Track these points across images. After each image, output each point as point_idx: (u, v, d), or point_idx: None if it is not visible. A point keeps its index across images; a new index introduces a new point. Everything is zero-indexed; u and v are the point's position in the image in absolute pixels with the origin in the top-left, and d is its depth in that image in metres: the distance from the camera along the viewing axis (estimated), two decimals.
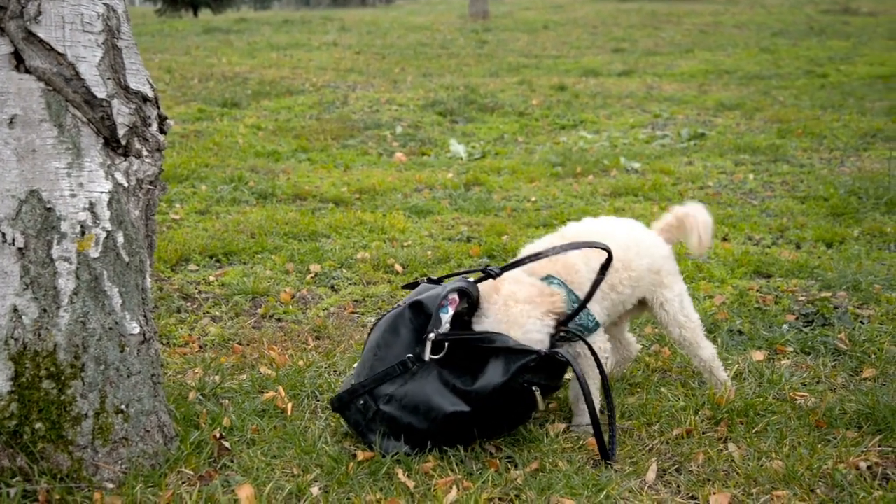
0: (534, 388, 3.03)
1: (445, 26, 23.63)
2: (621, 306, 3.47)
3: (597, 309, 3.30)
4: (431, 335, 3.03)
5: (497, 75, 14.41)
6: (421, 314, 3.11)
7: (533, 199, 7.01)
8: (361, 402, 3.08)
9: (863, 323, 4.37)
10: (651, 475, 2.97)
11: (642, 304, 3.60)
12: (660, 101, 11.81)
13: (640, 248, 3.44)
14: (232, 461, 2.98)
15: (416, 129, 10.02)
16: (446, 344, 3.04)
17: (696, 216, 3.61)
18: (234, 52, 17.11)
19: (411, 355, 3.05)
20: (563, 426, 3.32)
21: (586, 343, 3.18)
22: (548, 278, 3.23)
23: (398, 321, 3.13)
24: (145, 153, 2.91)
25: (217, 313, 4.55)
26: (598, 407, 3.19)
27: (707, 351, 3.59)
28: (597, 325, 3.28)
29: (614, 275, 3.33)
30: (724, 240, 5.93)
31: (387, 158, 8.58)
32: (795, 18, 24.15)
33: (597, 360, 3.19)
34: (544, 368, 3.05)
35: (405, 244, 5.72)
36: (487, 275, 3.18)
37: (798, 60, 15.49)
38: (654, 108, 11.21)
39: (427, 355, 3.03)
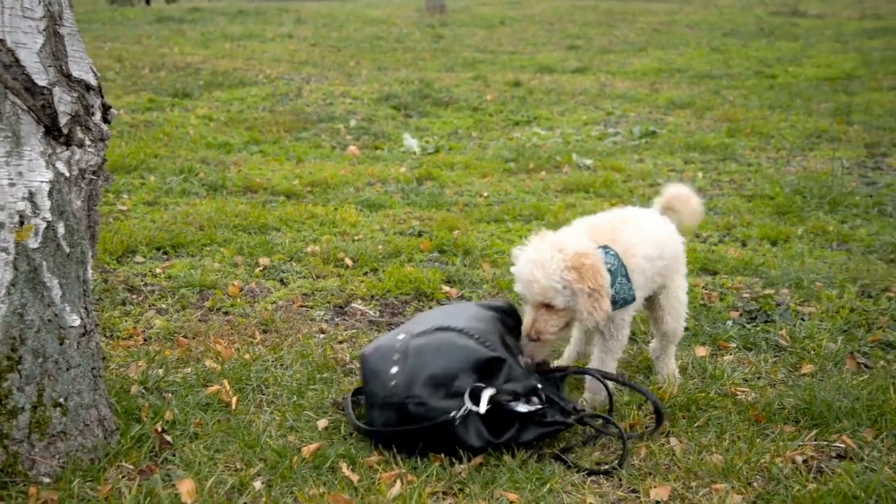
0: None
1: (402, 20, 23.57)
2: (651, 292, 3.64)
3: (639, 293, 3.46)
4: (491, 391, 3.01)
5: (452, 70, 14.41)
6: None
7: (485, 194, 7.03)
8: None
9: (803, 320, 4.46)
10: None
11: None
12: (612, 98, 11.91)
13: (669, 238, 3.61)
14: (174, 455, 2.95)
15: (370, 122, 9.99)
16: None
17: (684, 194, 3.80)
18: (187, 42, 16.90)
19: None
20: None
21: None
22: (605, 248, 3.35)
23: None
24: (88, 143, 2.87)
25: (163, 306, 4.50)
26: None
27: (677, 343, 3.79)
28: (633, 299, 3.40)
29: (654, 263, 3.47)
30: None
31: (340, 152, 8.54)
32: (746, 19, 24.50)
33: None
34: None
35: (356, 238, 5.71)
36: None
37: (748, 61, 15.72)
38: (606, 106, 11.30)
39: (483, 407, 2.99)
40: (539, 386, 3.13)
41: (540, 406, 3.03)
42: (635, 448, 3.13)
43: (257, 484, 2.81)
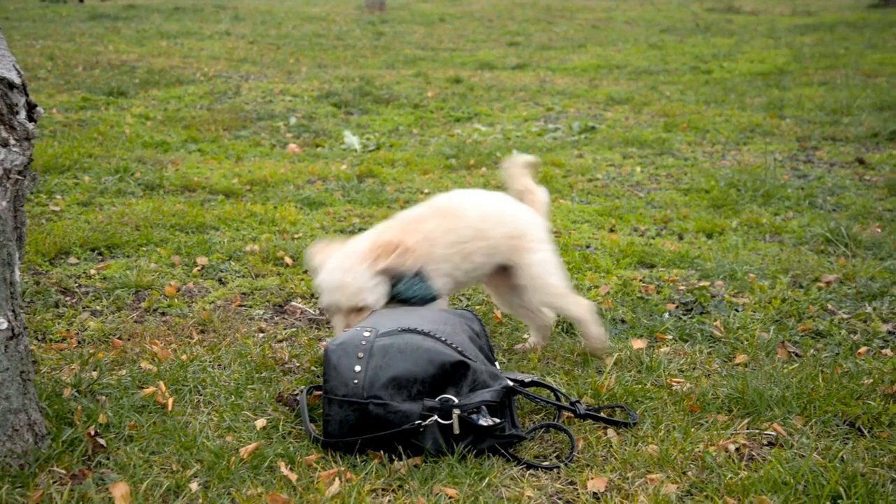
0: None
1: (342, 17, 23.46)
2: (477, 272, 3.81)
3: (441, 281, 3.64)
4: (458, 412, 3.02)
5: (393, 67, 14.39)
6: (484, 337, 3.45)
7: (426, 190, 7.04)
8: None
9: (737, 311, 4.55)
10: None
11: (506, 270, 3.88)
12: (552, 94, 12.00)
13: (499, 218, 3.79)
14: (108, 459, 2.90)
15: (311, 120, 9.93)
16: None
17: (514, 167, 4.12)
18: (122, 40, 16.60)
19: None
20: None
21: None
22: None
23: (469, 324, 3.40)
24: (13, 142, 2.81)
25: (97, 307, 4.42)
26: None
27: (576, 309, 3.90)
28: (432, 296, 3.59)
29: (468, 244, 3.67)
30: (611, 231, 6.07)
31: (280, 150, 8.47)
32: (682, 16, 24.89)
33: None
34: None
35: (296, 236, 5.67)
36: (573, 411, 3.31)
37: (684, 56, 15.97)
38: (546, 102, 11.39)
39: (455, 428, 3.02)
40: (510, 385, 3.15)
41: (500, 421, 3.04)
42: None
43: (194, 486, 2.78)
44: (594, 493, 2.85)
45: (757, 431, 3.24)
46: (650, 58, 15.92)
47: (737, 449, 3.11)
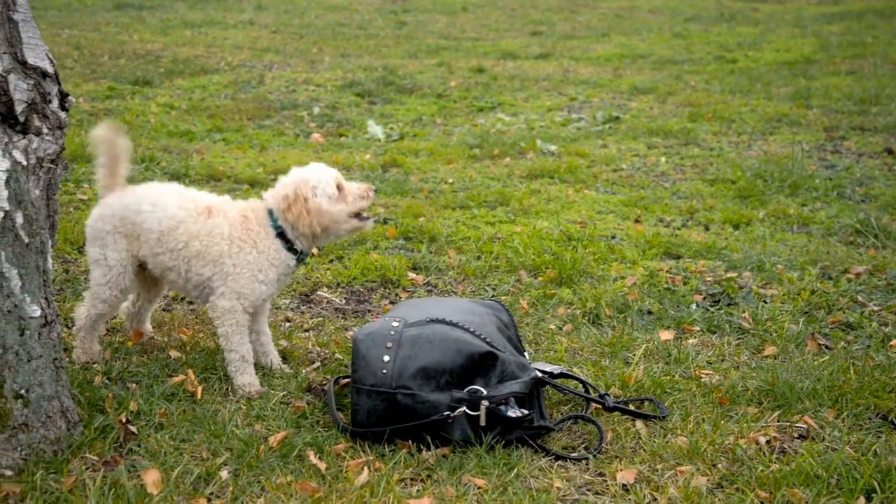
0: None
1: (364, 6, 23.43)
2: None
3: None
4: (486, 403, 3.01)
5: (416, 57, 14.36)
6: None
7: (450, 180, 7.03)
8: None
9: (765, 302, 4.51)
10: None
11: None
12: (576, 84, 11.94)
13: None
14: (139, 446, 2.92)
15: (334, 109, 9.93)
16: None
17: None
18: (147, 29, 16.66)
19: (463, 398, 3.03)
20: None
21: None
22: None
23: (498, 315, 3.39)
24: (46, 131, 2.82)
25: None
26: None
27: None
28: None
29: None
30: (637, 221, 6.04)
31: (304, 139, 8.48)
32: (707, 4, 24.67)
33: None
34: None
35: None
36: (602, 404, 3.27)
37: (709, 46, 15.83)
38: (570, 92, 11.33)
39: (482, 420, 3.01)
40: (539, 376, 3.15)
41: (528, 412, 3.04)
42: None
43: (224, 473, 2.79)
44: (623, 485, 2.84)
45: (787, 424, 3.21)
46: (674, 47, 15.80)
47: (767, 442, 3.08)
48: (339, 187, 3.41)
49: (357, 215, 3.45)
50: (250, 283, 3.37)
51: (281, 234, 3.41)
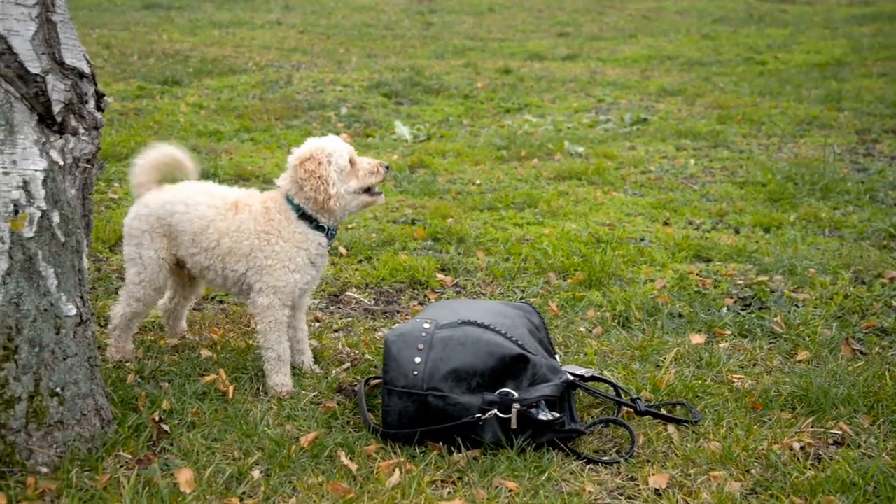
0: None
1: (391, 7, 23.47)
2: None
3: None
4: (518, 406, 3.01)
5: (442, 57, 14.36)
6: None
7: (478, 181, 7.02)
8: None
9: (798, 306, 4.47)
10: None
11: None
12: (603, 85, 11.89)
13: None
14: (171, 444, 2.94)
15: (361, 110, 9.95)
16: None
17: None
18: (175, 29, 16.78)
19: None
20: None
21: None
22: None
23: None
24: (82, 131, 2.85)
25: None
26: None
27: None
28: None
29: None
30: (666, 224, 6.00)
31: None
32: (735, 6, 24.49)
33: None
34: None
35: (349, 226, 5.68)
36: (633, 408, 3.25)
37: (738, 47, 15.71)
38: (597, 93, 11.29)
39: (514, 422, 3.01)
40: (571, 379, 3.13)
41: (559, 415, 3.03)
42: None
43: (256, 473, 2.80)
44: (656, 490, 2.82)
45: (822, 430, 3.18)
46: (702, 49, 15.70)
47: (802, 448, 3.05)
48: (352, 161, 3.43)
49: (368, 190, 3.46)
50: (283, 274, 3.39)
51: (303, 215, 3.42)
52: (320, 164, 3.34)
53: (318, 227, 3.43)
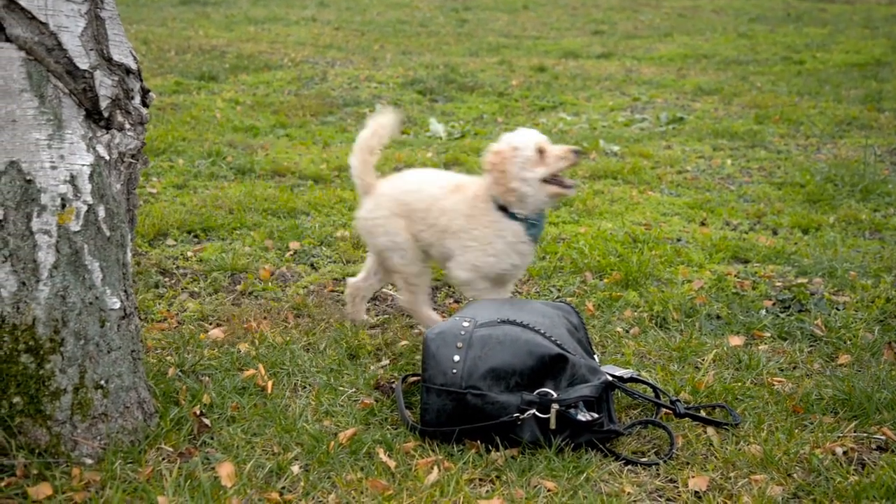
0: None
1: (425, 4, 23.48)
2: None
3: None
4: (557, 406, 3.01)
5: (477, 55, 14.35)
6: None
7: None
8: None
9: (838, 309, 4.41)
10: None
11: None
12: (639, 84, 11.82)
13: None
14: (212, 438, 2.96)
15: (396, 107, 9.96)
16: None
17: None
18: (212, 25, 16.91)
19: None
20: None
21: None
22: None
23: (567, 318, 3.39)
24: (128, 126, 2.88)
25: (195, 289, 4.51)
26: None
27: None
28: None
29: None
30: (703, 224, 5.96)
31: None
32: (773, 4, 24.23)
33: None
34: None
35: None
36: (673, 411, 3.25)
37: (775, 46, 15.55)
38: (633, 92, 11.22)
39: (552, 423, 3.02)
40: (610, 380, 3.12)
41: (598, 416, 3.02)
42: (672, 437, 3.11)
43: (295, 468, 2.82)
44: (695, 492, 2.80)
45: (865, 435, 3.13)
46: (739, 47, 15.55)
47: (844, 452, 3.01)
48: (542, 150, 3.62)
49: (559, 183, 3.63)
50: (482, 256, 3.67)
51: (502, 206, 3.64)
52: (504, 158, 3.59)
53: (514, 216, 3.62)
